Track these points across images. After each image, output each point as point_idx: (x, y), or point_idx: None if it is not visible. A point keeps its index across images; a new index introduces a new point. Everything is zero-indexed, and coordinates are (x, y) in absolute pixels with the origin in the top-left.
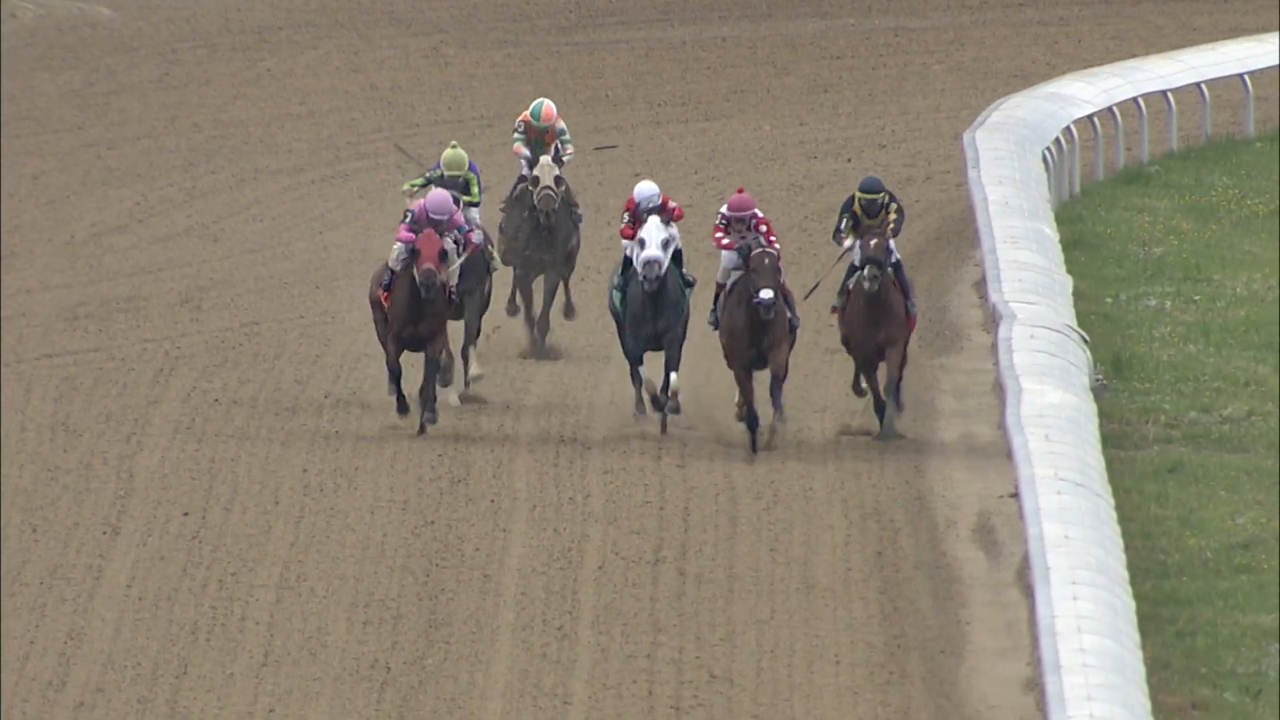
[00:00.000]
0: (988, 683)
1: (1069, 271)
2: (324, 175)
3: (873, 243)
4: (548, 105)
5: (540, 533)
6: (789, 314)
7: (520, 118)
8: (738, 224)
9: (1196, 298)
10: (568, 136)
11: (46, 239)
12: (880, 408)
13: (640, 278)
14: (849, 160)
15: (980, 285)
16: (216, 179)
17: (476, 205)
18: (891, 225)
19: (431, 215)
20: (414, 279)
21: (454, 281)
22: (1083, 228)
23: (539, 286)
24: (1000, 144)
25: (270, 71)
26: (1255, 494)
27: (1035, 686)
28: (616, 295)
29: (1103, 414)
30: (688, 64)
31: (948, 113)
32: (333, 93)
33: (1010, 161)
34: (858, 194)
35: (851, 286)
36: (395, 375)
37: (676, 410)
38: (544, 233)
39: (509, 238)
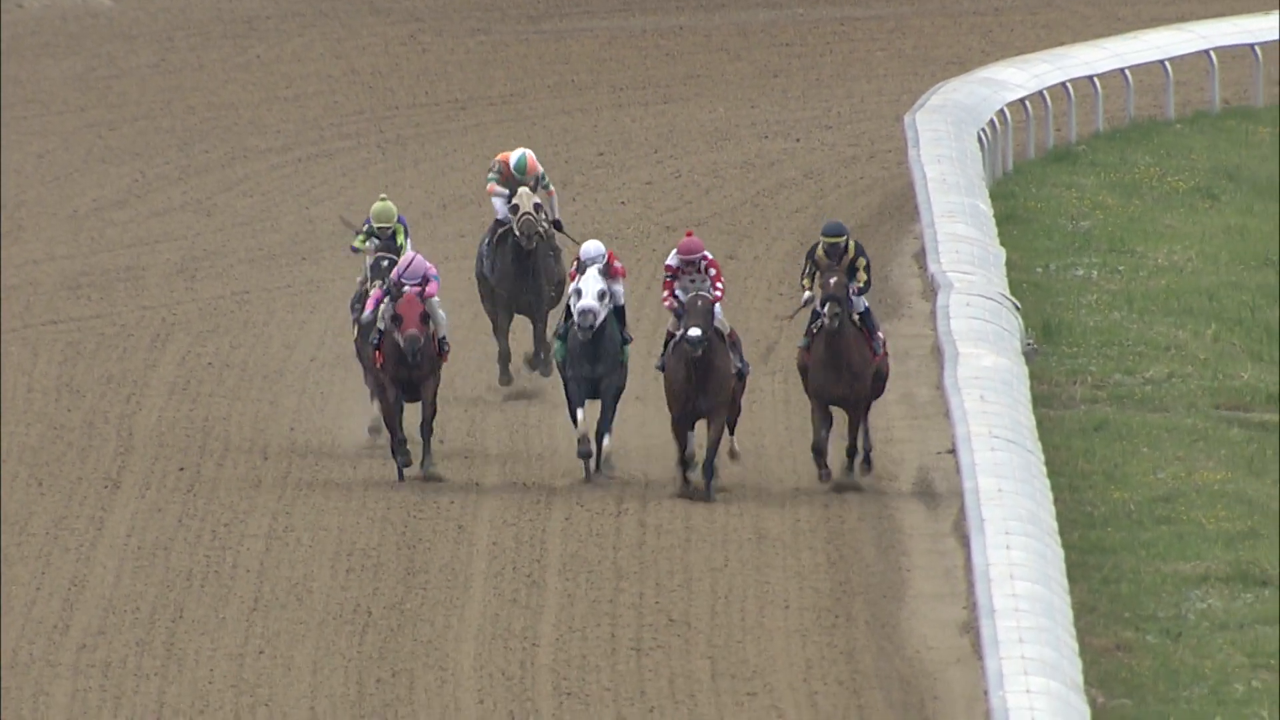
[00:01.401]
0: (927, 625)
1: (1002, 243)
2: (309, 154)
3: (832, 280)
4: (531, 158)
5: (511, 486)
6: (737, 363)
7: (499, 159)
8: (688, 268)
9: (1121, 268)
10: (547, 180)
11: (51, 213)
12: (849, 454)
13: (575, 326)
14: (798, 140)
15: (920, 256)
16: (209, 157)
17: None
18: (861, 285)
19: (404, 281)
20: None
21: (442, 331)
22: (1015, 203)
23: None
24: (938, 125)
25: (259, 58)
26: (1175, 451)
27: (971, 629)
28: (558, 344)
29: (1034, 376)
30: (648, 51)
31: (889, 96)
32: (317, 77)
33: (948, 141)
34: (821, 239)
35: (815, 330)
36: (398, 415)
37: (611, 469)
38: (526, 269)
39: (492, 279)
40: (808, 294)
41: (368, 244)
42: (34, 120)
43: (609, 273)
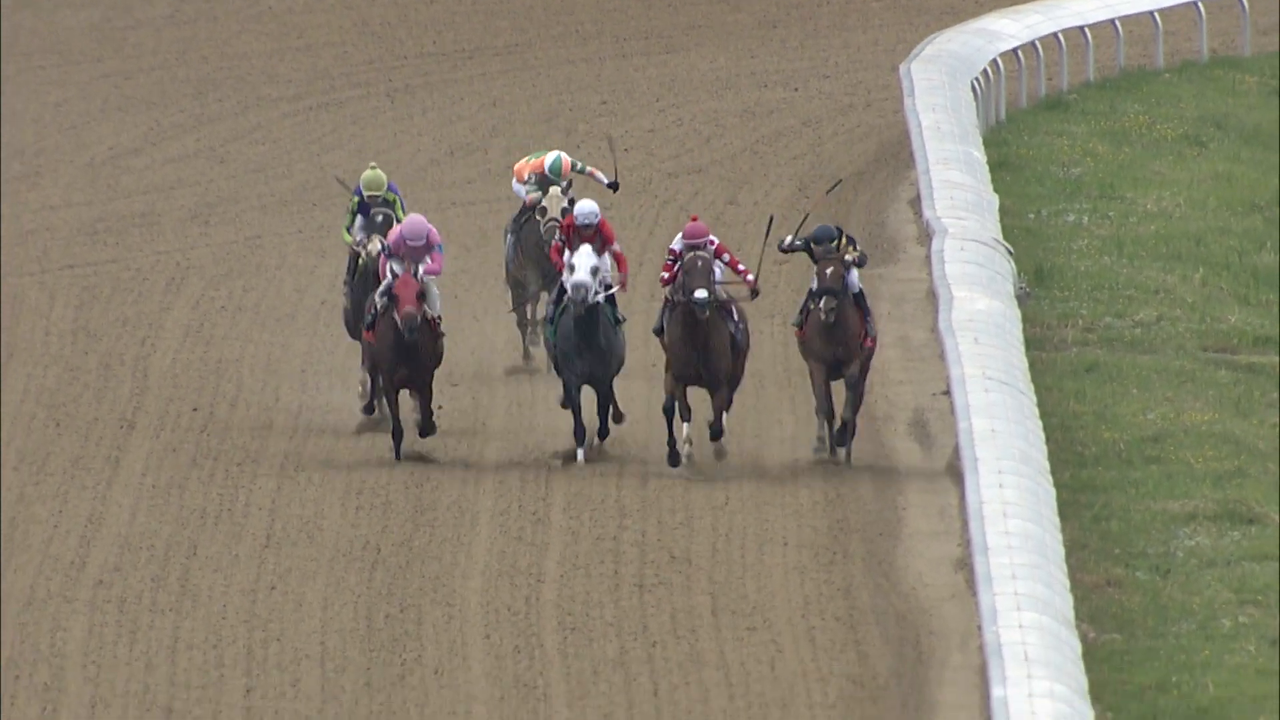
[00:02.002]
0: (922, 562)
1: (995, 190)
2: (320, 103)
3: (829, 271)
4: (566, 160)
5: (517, 426)
6: (732, 329)
7: (530, 168)
8: (692, 252)
9: (1111, 214)
10: (581, 165)
11: (69, 161)
12: (841, 431)
13: (568, 301)
14: (796, 89)
15: (915, 202)
16: (223, 106)
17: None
18: (855, 256)
19: (409, 242)
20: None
21: (436, 312)
22: (1008, 150)
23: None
24: (933, 75)
25: (271, 9)
26: (1164, 392)
27: (965, 566)
28: (548, 328)
29: (1026, 319)
30: (650, 1)
31: (885, 46)
32: (328, 28)
33: (942, 91)
34: (813, 247)
35: (812, 307)
36: (393, 398)
37: (618, 420)
38: (548, 256)
39: (520, 262)
40: (789, 240)
41: (358, 224)
42: (52, 70)
43: (603, 251)
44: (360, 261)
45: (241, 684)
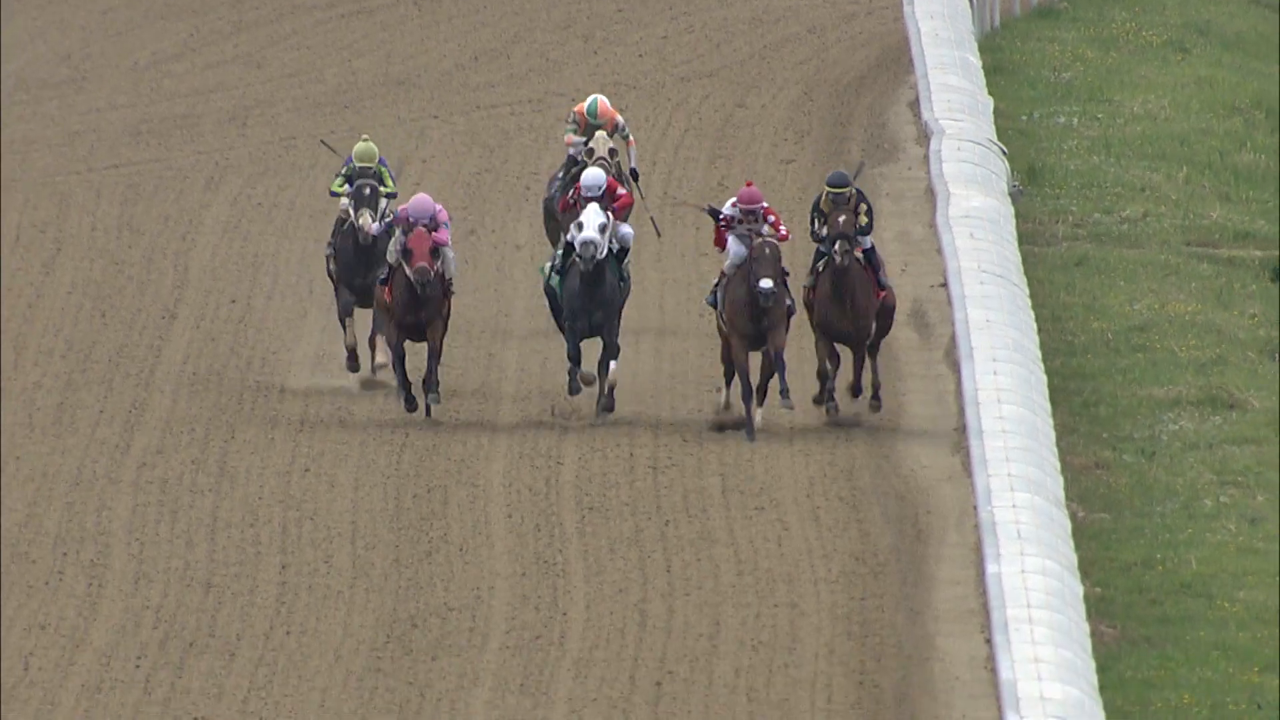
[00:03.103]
0: (921, 445)
1: (990, 93)
2: (351, 10)
3: (841, 219)
4: (603, 101)
5: (536, 317)
6: (789, 300)
7: (575, 110)
8: (747, 217)
9: (1099, 116)
10: (627, 130)
11: (113, 65)
12: (873, 395)
13: (576, 257)
14: None
15: (914, 105)
16: (259, 13)
17: (394, 196)
18: (863, 225)
19: (412, 219)
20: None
21: (450, 272)
22: (1002, 56)
23: None
24: None
25: None
26: (1150, 284)
27: (961, 449)
28: (555, 278)
29: (1019, 215)
30: None
31: None
32: None
33: None
34: (825, 189)
35: (821, 268)
36: (400, 359)
37: (609, 409)
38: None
39: (561, 217)
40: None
41: (345, 188)
42: None
43: (612, 206)
44: (347, 225)
45: (277, 560)
